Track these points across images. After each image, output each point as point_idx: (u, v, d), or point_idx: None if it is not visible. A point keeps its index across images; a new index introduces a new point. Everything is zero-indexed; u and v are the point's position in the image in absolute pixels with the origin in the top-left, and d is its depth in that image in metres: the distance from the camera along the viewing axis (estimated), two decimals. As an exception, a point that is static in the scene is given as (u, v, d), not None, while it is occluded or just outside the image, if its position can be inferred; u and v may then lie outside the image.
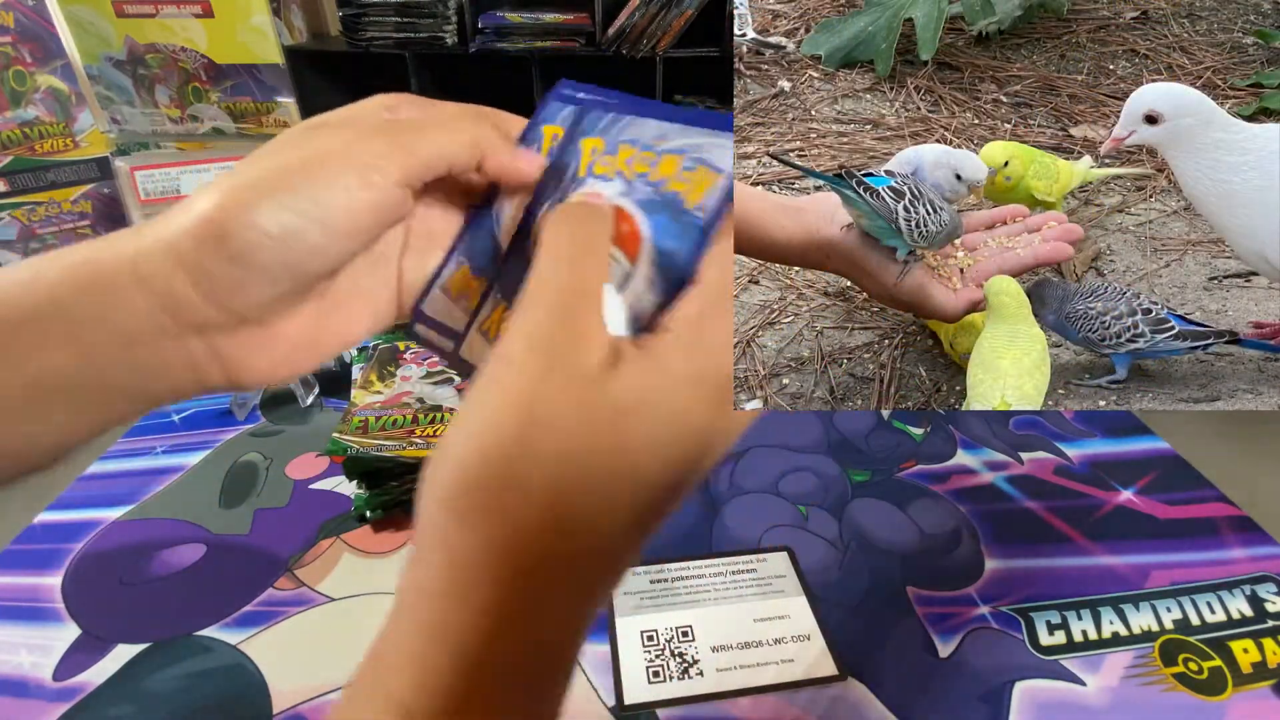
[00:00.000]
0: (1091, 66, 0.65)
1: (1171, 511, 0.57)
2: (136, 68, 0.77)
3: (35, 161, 0.74)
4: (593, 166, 0.24)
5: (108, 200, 0.79)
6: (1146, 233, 0.56)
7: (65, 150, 0.75)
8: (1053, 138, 0.61)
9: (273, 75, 0.77)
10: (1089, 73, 0.65)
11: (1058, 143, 0.60)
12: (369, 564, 0.51)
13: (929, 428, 0.67)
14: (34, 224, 0.76)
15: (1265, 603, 0.49)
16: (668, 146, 0.22)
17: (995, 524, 0.55)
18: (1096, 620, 0.48)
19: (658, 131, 0.23)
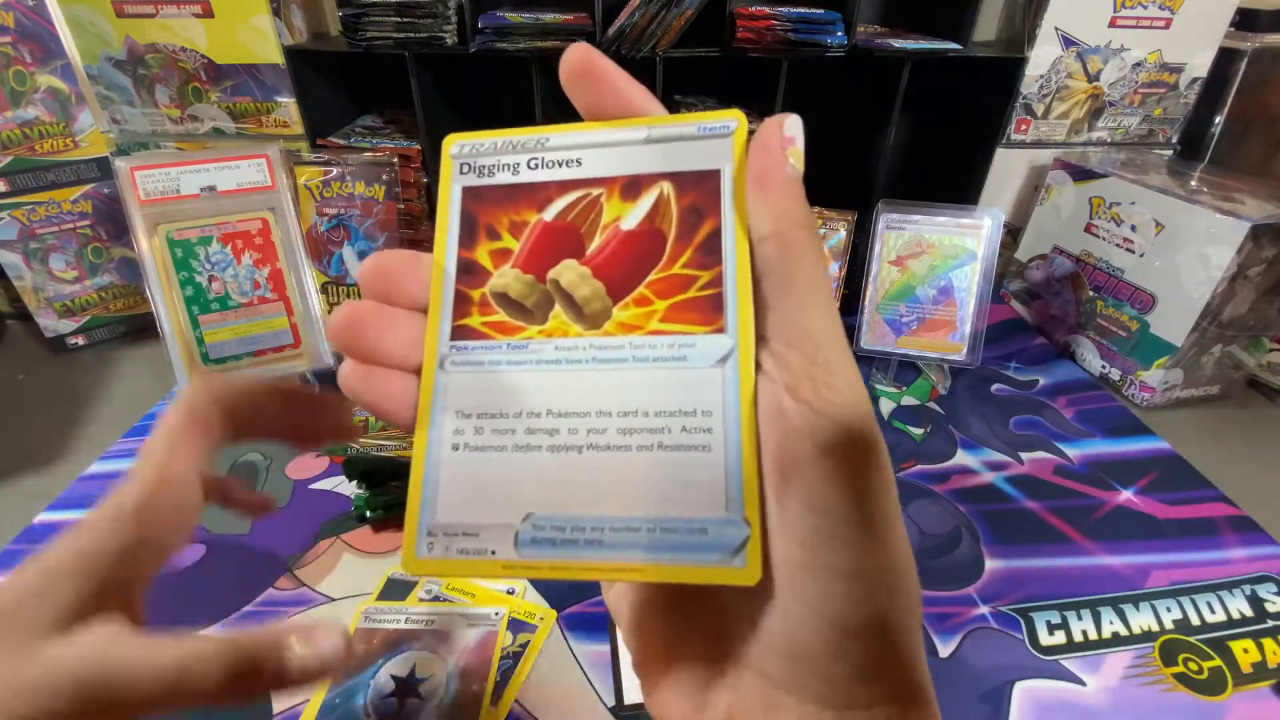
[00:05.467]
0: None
1: (1171, 511, 0.57)
2: (136, 68, 0.77)
3: (35, 161, 0.74)
4: None
5: (108, 200, 0.79)
6: None
7: (65, 150, 0.75)
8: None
9: (273, 75, 0.77)
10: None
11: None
12: (369, 564, 0.51)
13: (929, 428, 0.67)
14: (34, 224, 0.75)
15: (1265, 603, 0.49)
16: None
17: (995, 524, 0.55)
18: (1096, 620, 0.48)
19: None
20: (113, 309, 0.83)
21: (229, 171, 0.63)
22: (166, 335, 0.63)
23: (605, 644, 0.45)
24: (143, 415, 0.68)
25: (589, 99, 0.20)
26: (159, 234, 0.62)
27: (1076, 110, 0.86)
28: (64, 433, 0.67)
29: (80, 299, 0.80)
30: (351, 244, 0.76)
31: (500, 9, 0.79)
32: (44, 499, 0.57)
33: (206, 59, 0.76)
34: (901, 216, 0.73)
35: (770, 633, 0.17)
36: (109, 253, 0.81)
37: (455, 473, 0.20)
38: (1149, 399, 0.72)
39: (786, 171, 0.18)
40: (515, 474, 0.19)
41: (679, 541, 0.18)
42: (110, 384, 0.75)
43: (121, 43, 0.76)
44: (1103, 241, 0.77)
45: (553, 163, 0.21)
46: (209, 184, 0.63)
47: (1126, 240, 0.74)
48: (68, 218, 0.77)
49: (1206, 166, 0.84)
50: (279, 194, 0.66)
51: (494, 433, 0.20)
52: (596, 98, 0.20)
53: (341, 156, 0.74)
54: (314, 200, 0.74)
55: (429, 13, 0.72)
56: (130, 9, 0.74)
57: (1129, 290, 0.74)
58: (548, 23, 0.73)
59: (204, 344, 0.64)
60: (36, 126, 0.73)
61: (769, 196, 0.18)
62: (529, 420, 0.19)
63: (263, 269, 0.65)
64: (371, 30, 0.73)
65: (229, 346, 0.65)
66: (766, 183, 0.18)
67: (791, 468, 0.17)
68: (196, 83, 0.78)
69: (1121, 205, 0.75)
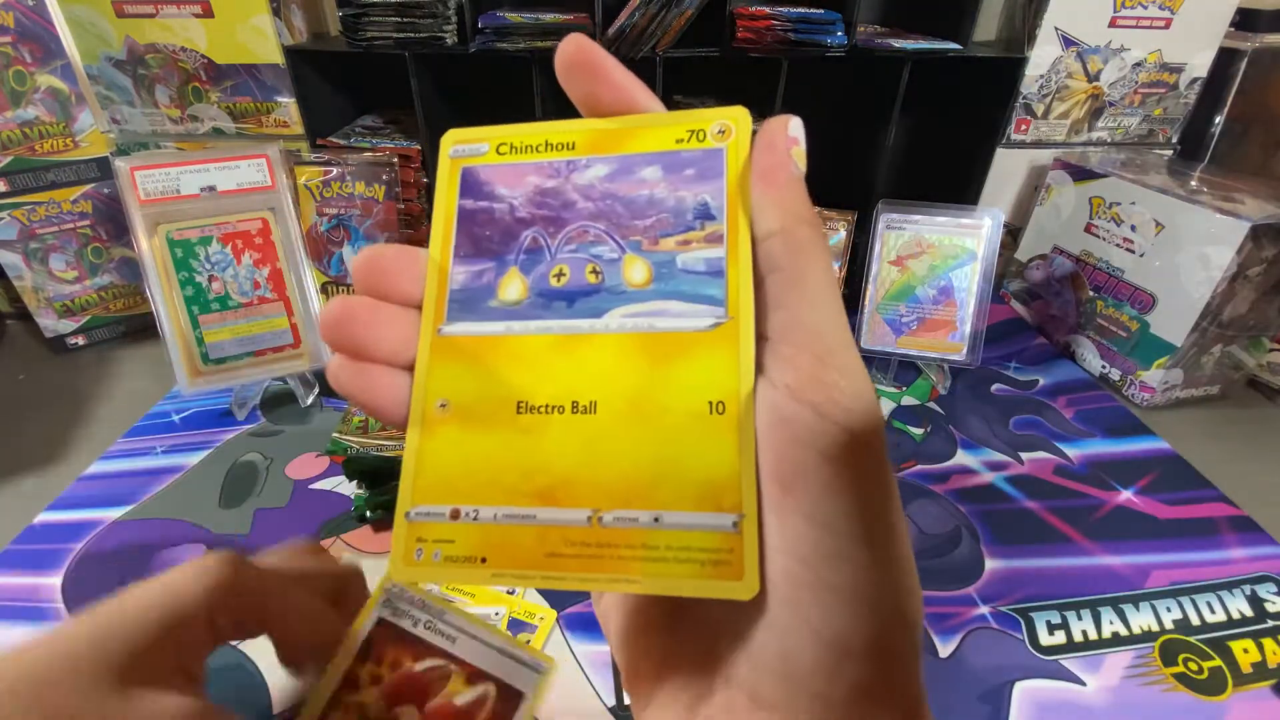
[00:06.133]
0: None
1: (1171, 511, 0.57)
2: (136, 68, 0.77)
3: (35, 161, 0.74)
4: None
5: (108, 200, 0.79)
6: None
7: (65, 150, 0.75)
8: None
9: (273, 75, 0.77)
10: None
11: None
12: (369, 564, 0.51)
13: (929, 428, 0.67)
14: (34, 224, 0.75)
15: (1265, 603, 0.49)
16: None
17: (995, 524, 0.55)
18: (1096, 620, 0.48)
19: None
20: (113, 309, 0.83)
21: (229, 171, 0.63)
22: (166, 335, 0.63)
23: (605, 644, 0.45)
24: (143, 415, 0.68)
25: (585, 91, 0.20)
26: (159, 234, 0.62)
27: (1076, 110, 0.86)
28: (64, 433, 0.67)
29: (80, 299, 0.80)
30: (351, 244, 0.76)
31: (500, 9, 0.79)
32: (44, 499, 0.57)
33: (206, 59, 0.76)
34: (901, 216, 0.73)
35: (764, 650, 0.16)
36: (109, 253, 0.81)
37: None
38: (1149, 399, 0.72)
39: (791, 170, 0.18)
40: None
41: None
42: (110, 384, 0.75)
43: (121, 43, 0.76)
44: (1103, 241, 0.77)
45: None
46: (209, 184, 0.63)
47: (1126, 240, 0.74)
48: (68, 218, 0.77)
49: (1206, 166, 0.84)
50: (279, 194, 0.66)
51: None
52: (593, 90, 0.20)
53: (341, 156, 0.74)
54: (314, 200, 0.74)
55: (429, 13, 0.72)
56: (130, 9, 0.74)
57: (1129, 290, 0.74)
58: (548, 23, 0.73)
59: (204, 344, 0.64)
60: (36, 126, 0.73)
61: (776, 193, 0.18)
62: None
63: (263, 269, 0.65)
64: (371, 30, 0.73)
65: (229, 346, 0.65)
66: (772, 179, 0.18)
67: (794, 478, 0.16)
68: (196, 83, 0.78)
69: (1121, 205, 0.75)
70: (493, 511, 0.19)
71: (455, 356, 0.20)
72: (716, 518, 0.17)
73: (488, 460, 0.19)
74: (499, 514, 0.18)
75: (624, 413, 0.18)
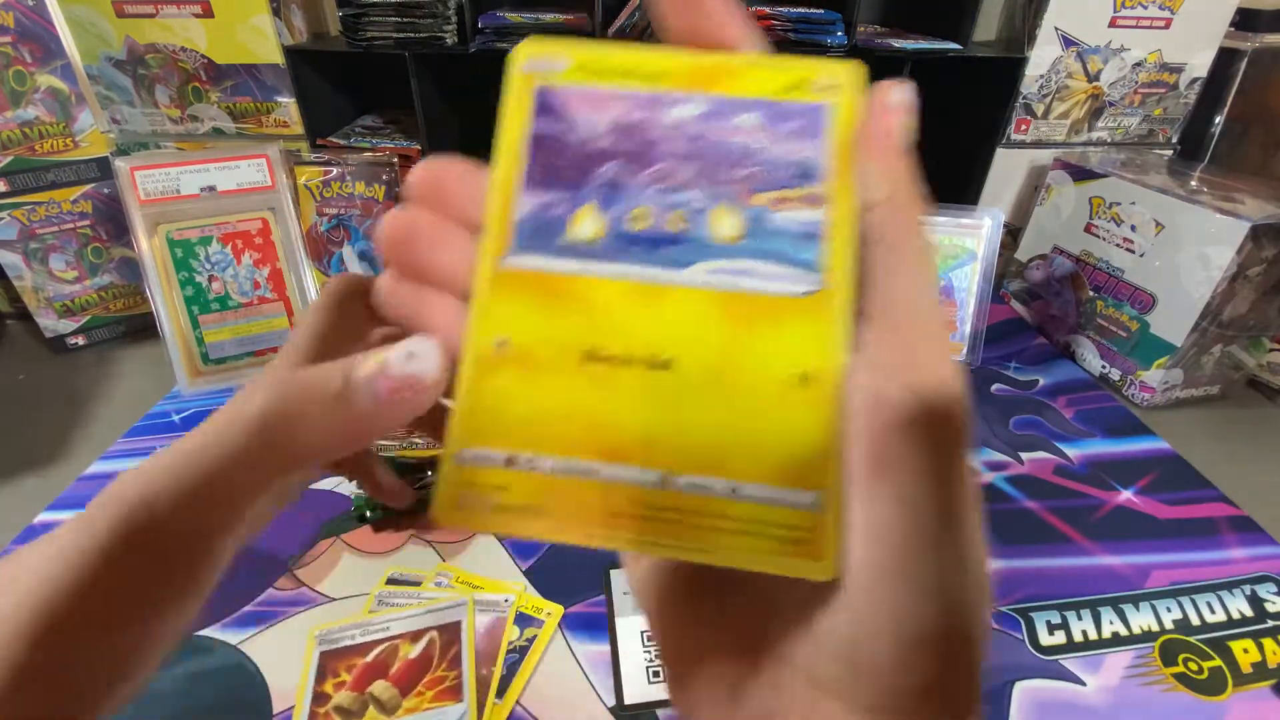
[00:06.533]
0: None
1: (1171, 511, 0.57)
2: (136, 68, 0.77)
3: (35, 161, 0.74)
4: None
5: (108, 200, 0.79)
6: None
7: (65, 150, 0.75)
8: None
9: (273, 75, 0.77)
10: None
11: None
12: (369, 564, 0.51)
13: (929, 428, 0.67)
14: (34, 224, 0.75)
15: (1265, 603, 0.49)
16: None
17: (995, 524, 0.55)
18: (1096, 620, 0.48)
19: None
20: (113, 309, 0.83)
21: (229, 171, 0.63)
22: (166, 335, 0.63)
23: (605, 644, 0.45)
24: (143, 415, 0.68)
25: (683, 22, 0.18)
26: (159, 234, 0.62)
27: (1076, 110, 0.86)
28: (64, 433, 0.67)
29: (80, 299, 0.80)
30: (351, 244, 0.76)
31: (500, 9, 0.79)
32: (44, 499, 0.57)
33: (206, 59, 0.76)
34: (901, 216, 0.73)
35: (830, 635, 0.15)
36: (109, 253, 0.81)
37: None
38: (1149, 399, 0.72)
39: (903, 138, 0.17)
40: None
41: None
42: (110, 384, 0.75)
43: (121, 43, 0.76)
44: (1103, 241, 0.77)
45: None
46: (209, 184, 0.63)
47: (1126, 240, 0.74)
48: (68, 218, 0.77)
49: (1206, 166, 0.84)
50: (279, 194, 0.66)
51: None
52: (691, 21, 0.18)
53: (341, 156, 0.74)
54: (314, 200, 0.74)
55: (429, 13, 0.72)
56: (130, 9, 0.74)
57: (1129, 290, 0.74)
58: (548, 23, 0.73)
59: (204, 344, 0.64)
60: (36, 126, 0.73)
61: (887, 161, 0.17)
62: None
63: (263, 269, 0.65)
64: (371, 30, 0.73)
65: (229, 346, 0.65)
66: (885, 146, 0.17)
67: (888, 462, 0.15)
68: (196, 83, 0.78)
69: (1121, 205, 0.75)
70: (552, 463, 0.17)
71: (519, 292, 0.18)
72: (798, 494, 0.16)
73: (549, 408, 0.18)
74: (559, 466, 0.17)
75: (703, 374, 0.17)
